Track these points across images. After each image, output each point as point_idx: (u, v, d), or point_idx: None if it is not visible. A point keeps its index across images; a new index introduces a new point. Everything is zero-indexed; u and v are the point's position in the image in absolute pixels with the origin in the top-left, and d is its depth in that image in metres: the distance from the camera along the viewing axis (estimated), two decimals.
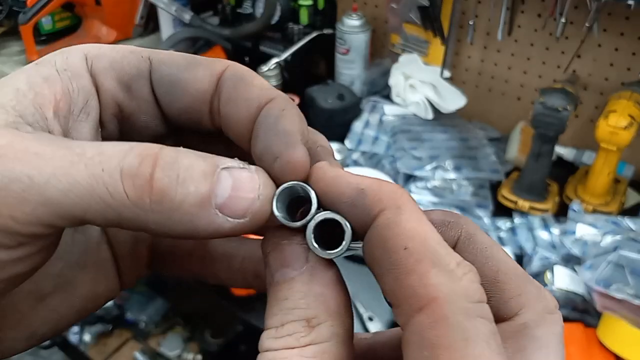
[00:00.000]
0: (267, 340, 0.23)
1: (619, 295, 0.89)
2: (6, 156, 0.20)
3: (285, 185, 0.24)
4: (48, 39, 1.67)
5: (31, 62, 0.26)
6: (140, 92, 0.27)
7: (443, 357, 0.19)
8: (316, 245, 0.24)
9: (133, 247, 0.32)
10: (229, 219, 0.22)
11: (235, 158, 0.24)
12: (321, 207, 0.24)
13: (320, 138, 0.29)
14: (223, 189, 0.22)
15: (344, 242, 0.23)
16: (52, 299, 0.28)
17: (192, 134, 0.31)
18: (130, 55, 0.27)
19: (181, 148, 0.23)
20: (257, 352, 0.23)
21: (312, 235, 0.24)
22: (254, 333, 1.11)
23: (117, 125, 0.28)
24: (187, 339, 1.87)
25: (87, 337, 1.87)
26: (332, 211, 0.24)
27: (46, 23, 1.66)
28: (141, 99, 0.28)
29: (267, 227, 0.25)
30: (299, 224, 0.24)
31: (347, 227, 0.23)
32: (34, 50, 1.56)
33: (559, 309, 0.26)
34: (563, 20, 1.19)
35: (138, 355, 1.83)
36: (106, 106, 0.27)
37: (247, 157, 0.26)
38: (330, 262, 0.24)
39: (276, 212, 0.24)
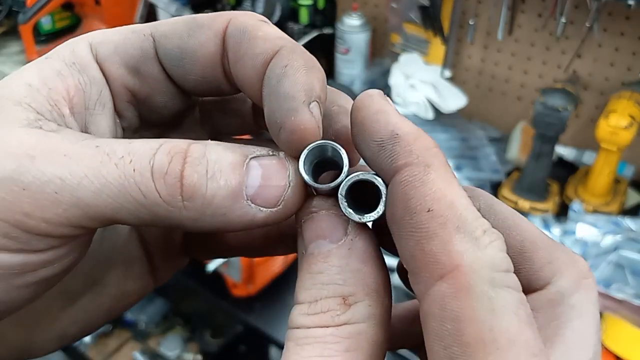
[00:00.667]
0: (299, 316, 0.22)
1: (619, 295, 0.88)
2: (36, 158, 0.20)
3: (313, 145, 0.22)
4: (48, 39, 1.66)
5: (31, 62, 0.25)
6: (150, 73, 0.26)
7: (467, 330, 0.18)
8: (350, 210, 0.22)
9: (166, 238, 0.31)
10: (261, 209, 0.22)
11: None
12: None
13: (339, 97, 0.26)
14: (253, 179, 0.22)
15: (380, 206, 0.22)
16: (82, 299, 0.28)
17: (216, 102, 0.30)
18: (132, 36, 0.26)
19: (209, 141, 0.22)
20: (257, 353, 0.23)
21: (345, 199, 0.22)
22: (254, 333, 1.11)
23: (135, 112, 0.27)
24: (187, 339, 1.87)
25: (86, 338, 1.87)
26: (364, 172, 0.22)
27: (46, 23, 1.66)
28: (152, 80, 0.26)
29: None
30: (331, 185, 0.22)
31: (383, 188, 0.22)
32: (34, 50, 1.56)
33: None
34: (563, 20, 1.19)
35: (138, 355, 1.83)
36: (118, 94, 0.26)
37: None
38: (370, 236, 0.23)
39: (304, 175, 0.22)
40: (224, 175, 0.21)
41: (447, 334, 0.18)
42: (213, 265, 1.06)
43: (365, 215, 0.22)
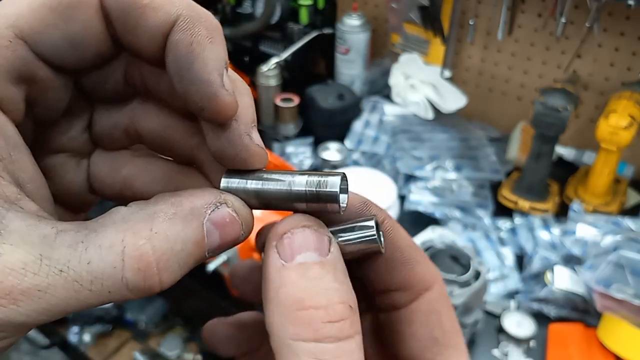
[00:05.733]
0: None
1: (619, 295, 0.88)
2: (19, 301, 0.20)
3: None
4: None
5: None
6: (37, 77, 0.23)
7: (446, 317, 0.30)
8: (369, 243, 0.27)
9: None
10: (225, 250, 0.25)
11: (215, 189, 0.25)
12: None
13: None
14: (212, 242, 0.23)
15: (381, 245, 0.28)
16: None
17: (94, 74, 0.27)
18: None
19: (166, 229, 0.22)
20: None
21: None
22: None
23: (32, 121, 0.25)
24: (186, 339, 1.87)
25: (86, 338, 1.87)
26: (361, 220, 0.27)
27: None
28: (42, 83, 0.23)
29: (295, 208, 0.26)
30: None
31: (378, 233, 0.27)
32: None
33: (560, 309, 0.33)
34: (563, 20, 1.19)
35: (138, 355, 1.83)
36: (17, 117, 0.23)
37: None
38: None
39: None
40: (191, 256, 0.23)
41: (433, 324, 0.30)
42: (213, 265, 1.06)
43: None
